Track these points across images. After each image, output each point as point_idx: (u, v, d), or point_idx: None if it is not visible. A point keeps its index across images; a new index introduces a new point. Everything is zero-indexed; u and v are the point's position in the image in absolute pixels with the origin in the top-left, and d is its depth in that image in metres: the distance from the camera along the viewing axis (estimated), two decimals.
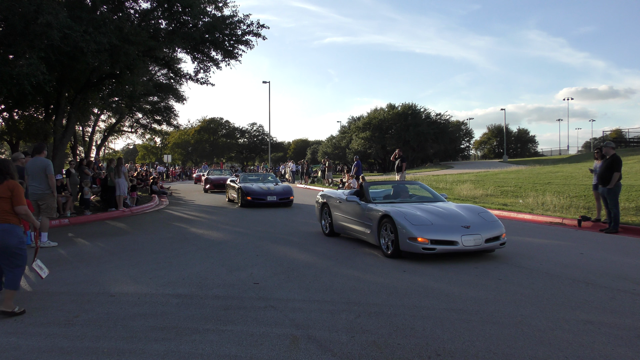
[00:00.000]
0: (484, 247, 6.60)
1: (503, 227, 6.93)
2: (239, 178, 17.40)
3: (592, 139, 63.91)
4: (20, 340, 3.90)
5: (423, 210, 7.11)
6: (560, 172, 21.36)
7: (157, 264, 6.85)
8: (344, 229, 8.55)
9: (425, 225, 6.60)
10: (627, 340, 3.74)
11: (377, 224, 7.22)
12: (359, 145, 52.06)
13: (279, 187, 15.86)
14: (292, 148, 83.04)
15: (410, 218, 6.74)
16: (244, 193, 15.19)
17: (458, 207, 7.54)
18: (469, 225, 6.69)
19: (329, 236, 9.03)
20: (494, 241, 6.72)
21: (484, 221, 6.94)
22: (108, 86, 17.47)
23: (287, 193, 15.48)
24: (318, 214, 9.78)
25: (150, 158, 67.36)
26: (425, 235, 6.44)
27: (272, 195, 15.13)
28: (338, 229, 8.86)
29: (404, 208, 7.21)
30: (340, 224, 8.70)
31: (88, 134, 29.04)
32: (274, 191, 15.35)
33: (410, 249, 6.55)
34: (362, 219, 7.77)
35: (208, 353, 3.56)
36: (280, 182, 17.73)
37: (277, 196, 15.19)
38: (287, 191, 15.60)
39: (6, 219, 4.48)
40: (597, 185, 10.14)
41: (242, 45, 15.53)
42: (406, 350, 3.57)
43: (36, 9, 10.05)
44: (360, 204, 7.97)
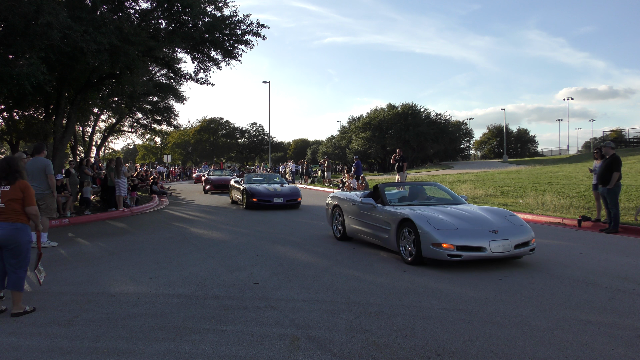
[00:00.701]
0: (513, 253, 6.13)
1: (532, 232, 6.48)
2: (244, 179, 16.82)
3: (592, 139, 63.96)
4: (20, 340, 3.90)
5: (446, 214, 6.64)
6: (560, 172, 21.36)
7: (157, 264, 6.85)
8: (358, 233, 8.07)
9: (450, 230, 6.12)
10: (627, 340, 3.74)
11: (396, 229, 6.74)
12: (359, 145, 52.05)
13: (285, 189, 15.26)
14: (292, 148, 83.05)
15: (433, 222, 6.26)
16: (249, 194, 14.62)
17: (482, 209, 7.08)
18: (497, 230, 6.22)
19: (341, 240, 8.55)
20: (523, 247, 6.23)
21: (512, 225, 6.47)
22: (108, 86, 17.49)
23: (295, 194, 14.90)
24: (329, 217, 9.29)
25: (150, 158, 67.36)
26: (450, 240, 5.96)
27: (279, 197, 14.54)
28: (351, 233, 8.37)
29: (425, 211, 6.74)
30: (353, 227, 8.20)
31: (88, 134, 29.03)
32: (281, 192, 14.75)
33: (433, 255, 6.07)
34: (379, 223, 7.30)
35: (208, 353, 3.56)
36: (287, 183, 17.08)
37: (284, 198, 14.59)
38: (295, 192, 15.02)
39: (19, 219, 4.61)
40: (597, 185, 10.14)
41: (242, 45, 15.52)
42: (406, 350, 3.57)
43: (36, 9, 10.04)
44: (376, 207, 7.52)
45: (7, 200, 4.57)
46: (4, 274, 4.67)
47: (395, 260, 6.90)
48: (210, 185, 23.51)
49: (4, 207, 4.55)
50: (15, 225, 4.56)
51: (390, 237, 6.93)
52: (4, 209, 4.55)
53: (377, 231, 7.35)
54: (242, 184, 16.05)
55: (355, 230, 8.16)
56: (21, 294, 4.62)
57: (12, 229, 4.54)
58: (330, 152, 58.61)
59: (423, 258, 6.24)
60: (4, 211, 4.55)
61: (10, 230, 4.53)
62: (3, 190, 4.59)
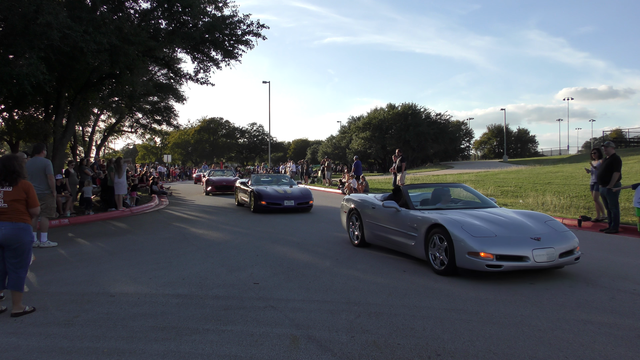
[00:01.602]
0: (557, 262, 5.58)
1: (576, 238, 5.94)
2: (251, 179, 15.74)
3: (592, 139, 64.00)
4: (20, 340, 3.90)
5: (480, 219, 6.06)
6: (560, 172, 21.36)
7: (157, 264, 6.85)
8: (379, 239, 7.45)
9: (488, 238, 5.55)
10: (627, 340, 3.74)
11: (425, 235, 6.17)
12: (359, 145, 52.05)
13: (296, 190, 14.22)
14: (292, 148, 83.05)
15: (469, 228, 5.69)
16: (257, 197, 13.56)
17: (518, 213, 6.51)
18: (539, 237, 5.64)
19: (360, 247, 7.93)
20: (568, 255, 5.67)
21: (555, 231, 5.89)
22: (108, 86, 17.47)
23: (306, 197, 13.84)
24: (345, 222, 8.62)
25: (150, 158, 67.37)
26: (489, 249, 5.39)
27: (289, 200, 13.52)
28: (371, 239, 7.72)
29: (457, 216, 6.16)
30: (374, 233, 7.55)
31: (88, 134, 29.02)
32: (291, 195, 13.75)
33: (469, 265, 5.51)
34: (404, 229, 6.69)
35: (208, 353, 3.56)
36: (296, 184, 16.00)
37: (295, 200, 13.56)
38: (306, 195, 13.96)
39: (22, 219, 4.65)
40: (595, 185, 10.15)
41: (242, 45, 15.52)
42: (406, 350, 3.57)
43: (36, 9, 10.04)
44: (400, 211, 6.92)
45: (9, 201, 4.59)
46: (4, 274, 4.68)
47: (395, 260, 6.90)
48: (211, 187, 22.19)
49: (7, 208, 4.57)
50: (19, 225, 4.59)
51: (417, 245, 6.34)
52: (6, 209, 4.57)
53: (402, 238, 6.74)
54: (249, 185, 15.08)
55: (376, 237, 7.53)
56: (21, 294, 4.63)
57: (16, 229, 4.57)
58: (330, 152, 58.61)
59: (457, 268, 5.68)
60: (6, 211, 4.57)
61: (14, 230, 4.55)
62: (5, 191, 4.60)
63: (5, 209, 4.56)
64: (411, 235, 6.51)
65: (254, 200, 13.63)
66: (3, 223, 4.54)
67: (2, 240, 4.52)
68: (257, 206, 13.51)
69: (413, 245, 6.46)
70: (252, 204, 13.77)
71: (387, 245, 7.35)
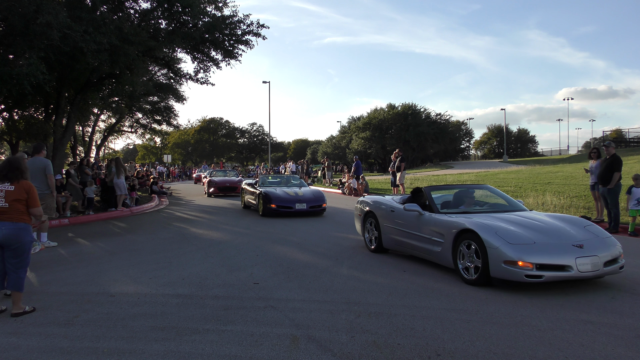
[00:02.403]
0: (602, 272, 5.11)
1: (619, 245, 5.50)
2: (259, 181, 14.73)
3: (592, 139, 64.00)
4: (20, 340, 3.90)
5: (513, 223, 5.59)
6: (560, 172, 21.37)
7: (157, 264, 6.85)
8: (399, 245, 6.95)
9: (527, 245, 5.07)
10: (627, 340, 3.74)
11: (452, 242, 5.67)
12: (359, 145, 52.08)
13: (307, 192, 13.24)
14: (292, 148, 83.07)
15: (504, 234, 5.20)
16: (266, 199, 12.55)
17: (553, 217, 6.00)
18: (582, 244, 5.16)
19: (376, 252, 7.42)
20: (612, 264, 5.21)
21: (597, 237, 5.43)
22: (108, 86, 17.48)
23: (319, 199, 12.90)
24: (359, 226, 8.13)
25: (150, 158, 67.39)
26: (528, 258, 4.91)
27: (301, 203, 12.53)
28: (389, 245, 7.21)
29: (488, 220, 5.67)
30: (393, 238, 7.04)
31: (88, 134, 29.04)
32: (303, 197, 12.77)
33: (506, 275, 5.03)
34: (428, 234, 6.20)
35: (208, 353, 3.56)
36: (307, 185, 15.04)
37: (307, 204, 12.57)
38: (319, 197, 13.00)
39: (22, 219, 4.64)
40: (594, 186, 10.14)
41: (242, 45, 15.53)
42: (406, 350, 3.57)
43: (36, 9, 10.05)
44: (423, 215, 6.41)
45: (11, 201, 4.59)
46: (4, 274, 4.69)
47: (395, 260, 6.90)
48: (214, 188, 20.83)
49: (8, 207, 4.57)
50: (19, 225, 4.59)
51: (444, 252, 5.85)
52: (7, 209, 4.56)
53: (425, 244, 6.26)
54: (257, 187, 14.08)
55: (396, 242, 7.02)
56: (21, 294, 4.63)
57: (16, 229, 4.56)
58: (330, 152, 58.66)
59: (491, 278, 5.21)
60: (7, 211, 4.57)
61: (14, 230, 4.55)
62: (7, 190, 4.60)
63: (6, 209, 4.56)
64: (436, 241, 6.02)
65: (263, 203, 12.66)
66: (3, 223, 4.53)
67: (2, 240, 4.52)
68: (266, 209, 12.53)
69: (439, 252, 5.96)
70: (261, 207, 12.80)
71: (407, 252, 6.84)
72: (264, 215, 12.62)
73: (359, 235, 8.39)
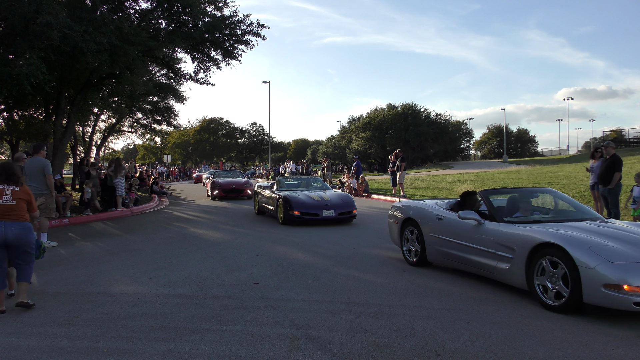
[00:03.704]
0: None
1: None
2: (276, 184, 12.91)
3: (592, 139, 63.97)
4: (20, 340, 3.90)
5: (604, 236, 4.65)
6: (560, 172, 21.37)
7: (157, 264, 6.85)
8: (449, 258, 5.96)
9: (633, 264, 4.16)
10: (627, 340, 3.74)
11: (527, 258, 4.71)
12: (359, 145, 52.08)
13: (334, 197, 11.46)
14: (292, 148, 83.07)
15: (601, 250, 4.27)
16: (288, 205, 10.84)
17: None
18: None
19: (417, 266, 6.47)
20: None
21: None
22: (108, 86, 17.48)
23: (348, 205, 11.14)
24: (395, 234, 7.10)
25: (150, 158, 67.40)
26: (636, 281, 4.00)
27: (329, 209, 10.81)
28: (436, 258, 6.22)
29: (574, 232, 4.70)
30: (441, 250, 6.07)
31: (88, 134, 29.02)
32: (330, 203, 11.02)
33: (606, 301, 4.08)
34: (490, 247, 5.24)
35: (208, 353, 3.56)
36: (332, 188, 13.33)
37: (335, 210, 10.85)
38: (348, 202, 11.23)
39: (26, 218, 4.82)
40: (594, 185, 10.14)
41: (242, 45, 15.53)
42: (406, 350, 3.57)
43: (36, 9, 10.05)
44: (483, 224, 5.42)
45: (17, 199, 4.76)
46: (5, 274, 4.75)
47: (395, 260, 6.90)
48: (218, 191, 19.04)
49: (15, 205, 4.72)
50: (25, 225, 4.75)
51: (514, 270, 4.89)
52: (14, 206, 4.71)
53: (487, 259, 5.28)
54: (275, 190, 12.23)
55: (444, 255, 6.04)
56: (28, 285, 4.81)
57: (24, 229, 4.72)
58: (330, 152, 58.65)
59: (584, 304, 4.25)
60: (14, 208, 4.70)
61: (23, 230, 4.69)
62: (13, 190, 4.78)
63: (14, 206, 4.70)
64: (502, 256, 5.06)
65: (284, 210, 10.93)
66: (12, 223, 4.64)
67: (12, 241, 4.62)
68: (288, 217, 10.81)
69: (506, 270, 5.00)
70: (281, 214, 11.10)
71: (460, 267, 5.88)
72: (284, 223, 10.97)
73: (363, 236, 8.38)
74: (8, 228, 4.58)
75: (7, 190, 4.71)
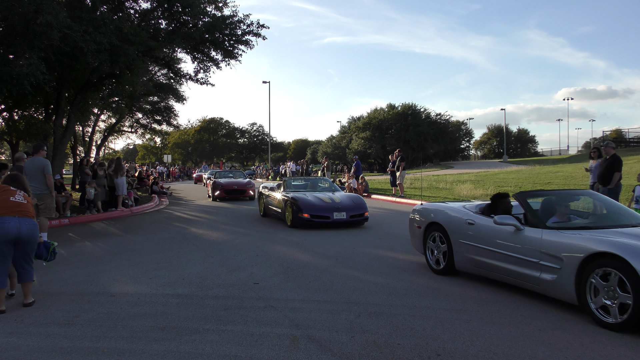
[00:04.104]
0: None
1: None
2: (283, 185, 12.21)
3: (592, 139, 63.97)
4: (20, 340, 3.90)
5: None
6: (560, 172, 21.38)
7: (157, 264, 6.85)
8: (482, 267, 5.43)
9: None
10: (627, 340, 3.74)
11: (577, 269, 4.23)
12: (359, 145, 52.06)
13: (345, 198, 10.85)
14: (292, 148, 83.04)
15: None
16: (297, 208, 10.28)
17: None
18: None
19: (443, 274, 5.94)
20: None
21: None
22: (108, 86, 17.50)
23: (360, 207, 10.54)
24: (418, 240, 6.55)
25: (150, 158, 67.40)
26: None
27: (340, 212, 10.23)
28: (466, 266, 5.68)
29: (633, 240, 4.12)
30: (472, 259, 5.54)
31: (88, 134, 29.02)
32: (341, 205, 10.44)
33: None
34: (531, 256, 4.74)
35: (208, 353, 3.56)
36: (341, 189, 12.64)
37: (347, 212, 10.26)
38: (359, 205, 10.62)
39: (35, 217, 5.02)
40: (593, 185, 10.13)
41: (242, 45, 15.54)
42: (406, 350, 3.57)
43: (36, 9, 10.05)
44: (522, 230, 4.92)
45: (26, 199, 4.99)
46: (8, 272, 4.80)
47: (395, 260, 6.90)
48: (219, 191, 18.51)
49: (26, 203, 4.91)
50: (35, 222, 4.93)
51: (562, 281, 4.42)
52: (24, 204, 4.89)
53: (528, 269, 4.78)
54: (283, 191, 11.62)
55: (475, 264, 5.52)
56: (31, 284, 4.94)
57: (35, 225, 4.89)
58: (330, 152, 58.62)
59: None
60: (23, 205, 4.87)
61: (34, 226, 4.87)
62: (23, 194, 5.02)
63: (24, 203, 4.88)
64: (548, 266, 4.56)
65: (292, 212, 10.42)
66: (25, 219, 4.79)
67: (25, 236, 4.74)
68: (297, 220, 10.28)
69: (551, 282, 4.52)
70: (289, 216, 10.59)
71: (495, 277, 5.33)
72: (293, 226, 10.46)
73: (363, 236, 8.35)
74: (22, 223, 4.73)
75: (19, 192, 4.94)
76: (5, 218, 4.64)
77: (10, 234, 4.61)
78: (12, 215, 4.69)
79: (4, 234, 4.59)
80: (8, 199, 4.78)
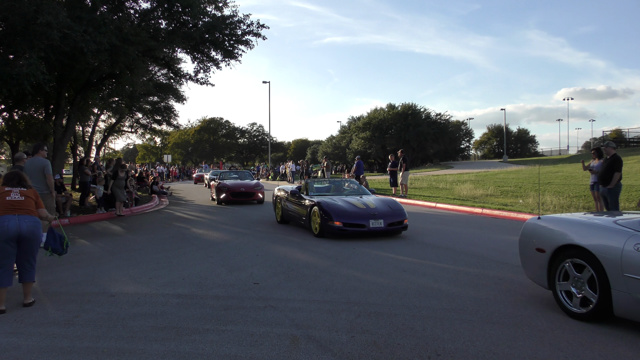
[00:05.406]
0: None
1: None
2: (306, 187, 10.73)
3: (592, 139, 63.96)
4: (20, 340, 3.90)
5: None
6: (560, 172, 21.38)
7: (157, 264, 6.85)
8: None
9: None
10: (627, 340, 3.74)
11: None
12: (359, 145, 52.03)
13: (380, 204, 9.25)
14: (292, 148, 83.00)
15: None
16: (326, 215, 8.78)
17: None
18: None
19: (589, 320, 4.11)
20: None
21: None
22: (108, 86, 17.48)
23: (398, 214, 8.97)
24: (538, 267, 4.73)
25: (150, 158, 67.40)
26: None
27: (377, 219, 8.67)
28: (631, 310, 3.79)
29: None
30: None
31: (88, 134, 29.00)
32: (377, 212, 8.86)
33: None
34: None
35: (208, 353, 3.56)
36: (371, 193, 10.78)
37: (385, 220, 8.71)
38: (397, 211, 9.05)
39: (36, 214, 5.07)
40: (594, 185, 10.14)
41: (242, 45, 15.54)
42: (406, 350, 3.57)
43: (36, 9, 10.05)
44: None
45: (24, 195, 5.01)
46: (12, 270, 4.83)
47: (395, 260, 6.89)
48: (225, 194, 16.76)
49: (23, 200, 4.94)
50: (36, 219, 4.97)
51: None
52: (23, 202, 4.93)
53: None
54: (306, 196, 10.19)
55: None
56: (32, 285, 4.97)
57: (36, 222, 4.95)
58: (330, 152, 58.60)
59: None
60: (22, 203, 4.91)
61: (35, 223, 4.92)
62: (21, 190, 5.05)
63: (22, 202, 4.92)
64: None
65: (321, 220, 8.89)
66: (25, 216, 4.84)
67: (26, 234, 4.78)
68: (327, 228, 8.78)
69: None
70: (317, 224, 9.08)
71: None
72: (321, 235, 8.97)
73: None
74: (22, 221, 4.77)
75: (14, 190, 4.97)
76: (5, 217, 4.71)
77: (11, 232, 4.67)
78: (12, 214, 4.76)
79: (4, 232, 4.64)
80: (4, 199, 4.86)
